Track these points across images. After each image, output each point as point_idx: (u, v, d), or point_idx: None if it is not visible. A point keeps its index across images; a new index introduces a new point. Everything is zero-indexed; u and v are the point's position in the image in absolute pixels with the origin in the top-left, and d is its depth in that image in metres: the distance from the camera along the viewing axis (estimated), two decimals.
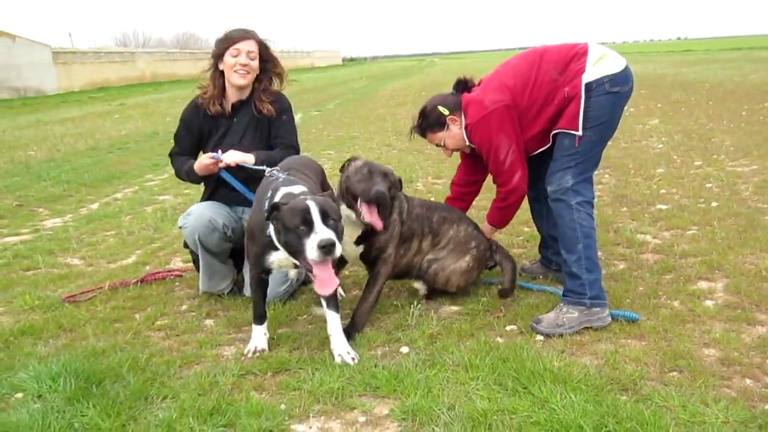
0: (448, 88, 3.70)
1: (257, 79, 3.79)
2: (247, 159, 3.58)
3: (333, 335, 2.99)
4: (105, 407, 2.53)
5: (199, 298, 3.80)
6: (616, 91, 3.24)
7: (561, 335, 3.06)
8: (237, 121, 3.78)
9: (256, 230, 2.97)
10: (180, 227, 3.69)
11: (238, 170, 3.64)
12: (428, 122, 3.62)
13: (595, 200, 3.77)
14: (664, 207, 5.17)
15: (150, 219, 5.80)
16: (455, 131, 3.54)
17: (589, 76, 3.22)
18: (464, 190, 3.93)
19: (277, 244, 2.82)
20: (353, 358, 2.90)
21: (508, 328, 3.17)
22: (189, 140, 3.85)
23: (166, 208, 6.11)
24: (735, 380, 2.60)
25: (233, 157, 3.56)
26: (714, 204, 5.15)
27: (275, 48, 4.10)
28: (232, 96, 3.77)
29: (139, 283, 4.08)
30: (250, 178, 3.59)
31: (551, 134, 3.35)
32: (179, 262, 4.54)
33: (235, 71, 3.64)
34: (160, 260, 4.66)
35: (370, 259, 3.39)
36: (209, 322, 3.51)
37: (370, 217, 3.13)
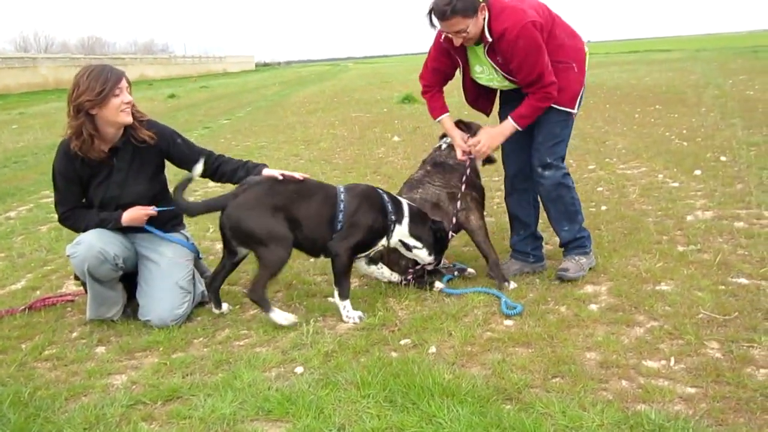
0: (362, 93, 3.79)
1: None
2: None
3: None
4: None
5: (91, 324, 3.68)
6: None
7: (577, 279, 3.82)
8: (119, 158, 3.62)
9: None
10: (68, 256, 3.57)
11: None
12: (464, 4, 3.43)
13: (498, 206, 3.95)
14: None
15: (44, 239, 5.59)
16: (480, 21, 3.53)
17: (588, 63, 3.73)
18: (438, 92, 4.03)
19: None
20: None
21: (402, 342, 3.22)
22: (74, 191, 3.66)
23: (62, 227, 5.87)
24: (612, 382, 2.73)
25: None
26: (603, 207, 5.39)
27: (186, 54, 4.02)
28: (110, 137, 3.58)
29: (27, 310, 3.92)
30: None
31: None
32: (72, 285, 4.37)
33: (122, 111, 3.48)
34: (52, 284, 4.50)
35: None
36: (101, 349, 3.41)
37: None
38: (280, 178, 3.57)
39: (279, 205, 3.45)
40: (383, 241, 3.70)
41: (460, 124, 4.04)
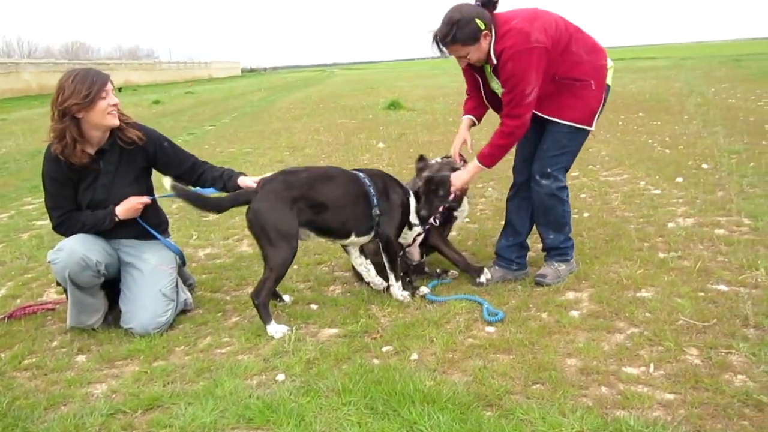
0: (347, 99, 3.77)
1: None
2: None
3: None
4: None
5: (71, 333, 3.65)
6: (605, 99, 3.77)
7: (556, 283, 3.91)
8: (105, 161, 3.62)
9: None
10: (49, 262, 3.54)
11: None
12: (463, 34, 3.49)
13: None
14: None
15: (25, 247, 5.54)
16: (484, 47, 3.55)
17: (609, 79, 3.73)
18: (475, 95, 4.06)
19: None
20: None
21: (384, 349, 3.22)
22: (66, 194, 3.60)
23: (43, 234, 5.85)
24: (592, 389, 2.75)
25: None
26: (586, 214, 5.42)
27: (171, 59, 4.05)
28: (96, 140, 3.58)
29: (6, 319, 3.88)
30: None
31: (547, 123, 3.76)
32: (53, 293, 4.35)
33: (109, 113, 3.49)
34: (32, 292, 4.45)
35: None
36: (81, 358, 3.39)
37: None
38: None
39: (297, 196, 3.48)
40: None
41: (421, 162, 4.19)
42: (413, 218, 3.93)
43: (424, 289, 3.91)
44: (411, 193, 3.95)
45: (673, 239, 4.59)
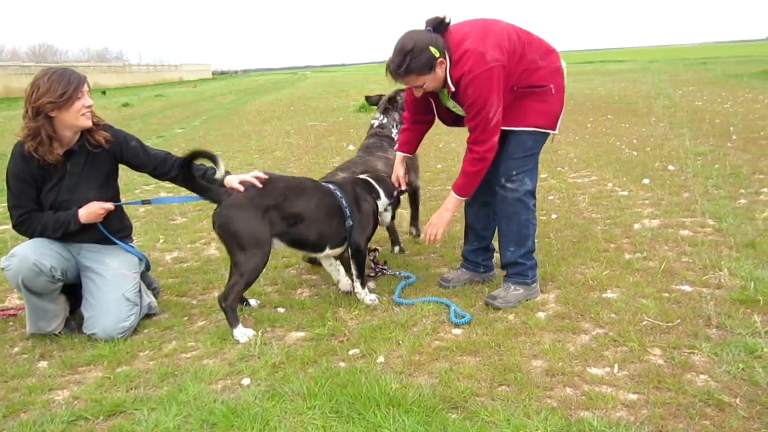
0: (318, 101, 3.74)
1: None
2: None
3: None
4: None
5: (33, 339, 3.58)
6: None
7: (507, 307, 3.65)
8: (72, 163, 3.56)
9: None
10: (2, 268, 3.47)
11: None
12: (418, 63, 3.36)
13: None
14: None
15: None
16: (440, 74, 3.43)
17: (566, 81, 3.67)
18: (417, 126, 4.04)
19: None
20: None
21: (351, 352, 3.21)
22: (29, 194, 3.53)
23: (7, 239, 5.73)
24: (557, 390, 2.76)
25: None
26: (554, 216, 5.47)
27: (141, 62, 3.98)
28: (66, 141, 3.51)
29: None
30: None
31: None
32: (15, 299, 4.27)
33: (83, 115, 3.44)
34: None
35: None
36: (43, 364, 3.32)
37: None
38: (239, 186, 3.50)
39: (271, 205, 3.45)
40: None
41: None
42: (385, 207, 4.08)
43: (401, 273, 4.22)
44: (377, 185, 4.00)
45: (638, 240, 4.64)
